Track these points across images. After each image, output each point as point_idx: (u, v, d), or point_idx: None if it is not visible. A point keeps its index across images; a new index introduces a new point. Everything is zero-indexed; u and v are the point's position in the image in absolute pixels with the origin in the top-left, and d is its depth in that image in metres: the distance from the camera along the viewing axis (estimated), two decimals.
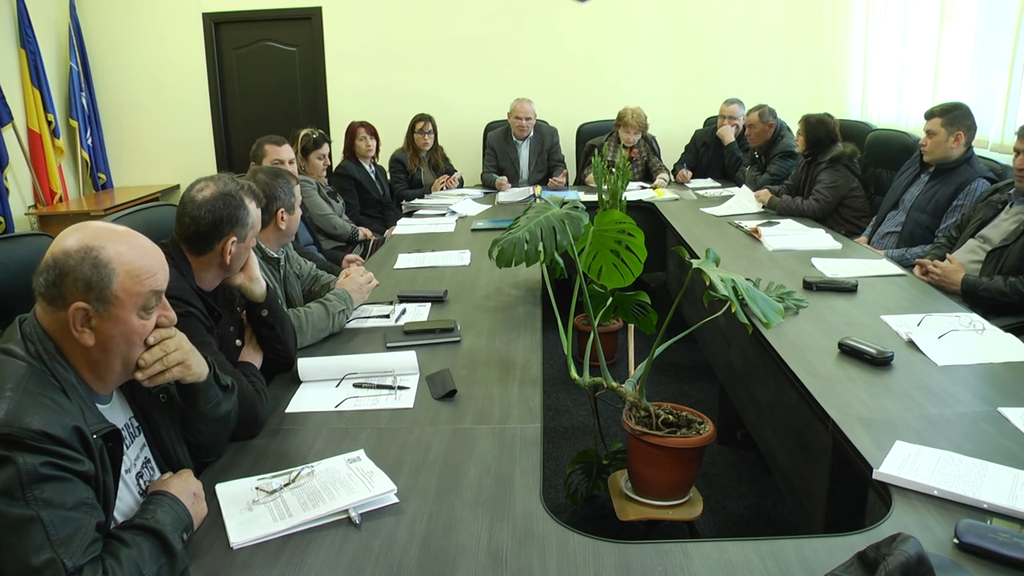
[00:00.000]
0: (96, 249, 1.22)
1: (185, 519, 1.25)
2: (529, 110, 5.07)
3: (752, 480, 2.78)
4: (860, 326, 2.17)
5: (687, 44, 5.89)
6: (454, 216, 4.22)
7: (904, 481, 1.36)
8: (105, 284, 1.21)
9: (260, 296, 1.90)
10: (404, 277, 2.98)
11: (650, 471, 1.85)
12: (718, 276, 1.68)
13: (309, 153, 4.05)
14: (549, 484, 2.61)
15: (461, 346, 2.21)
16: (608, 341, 3.73)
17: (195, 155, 6.09)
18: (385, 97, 5.92)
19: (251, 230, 1.84)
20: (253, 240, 1.88)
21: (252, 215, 1.84)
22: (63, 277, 1.20)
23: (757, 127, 4.66)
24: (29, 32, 5.33)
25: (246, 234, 1.82)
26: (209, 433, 1.50)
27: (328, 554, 1.24)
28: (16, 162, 5.21)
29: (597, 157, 3.09)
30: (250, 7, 6.02)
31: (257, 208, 1.87)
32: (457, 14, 5.92)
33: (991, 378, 1.83)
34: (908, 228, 3.32)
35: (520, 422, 1.72)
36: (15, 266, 1.75)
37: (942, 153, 3.20)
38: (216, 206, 1.76)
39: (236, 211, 1.78)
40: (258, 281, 1.90)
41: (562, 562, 1.21)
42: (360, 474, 1.45)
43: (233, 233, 1.78)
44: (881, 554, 1.02)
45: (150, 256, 1.30)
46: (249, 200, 1.84)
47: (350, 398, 1.85)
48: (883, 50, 5.04)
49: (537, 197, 4.44)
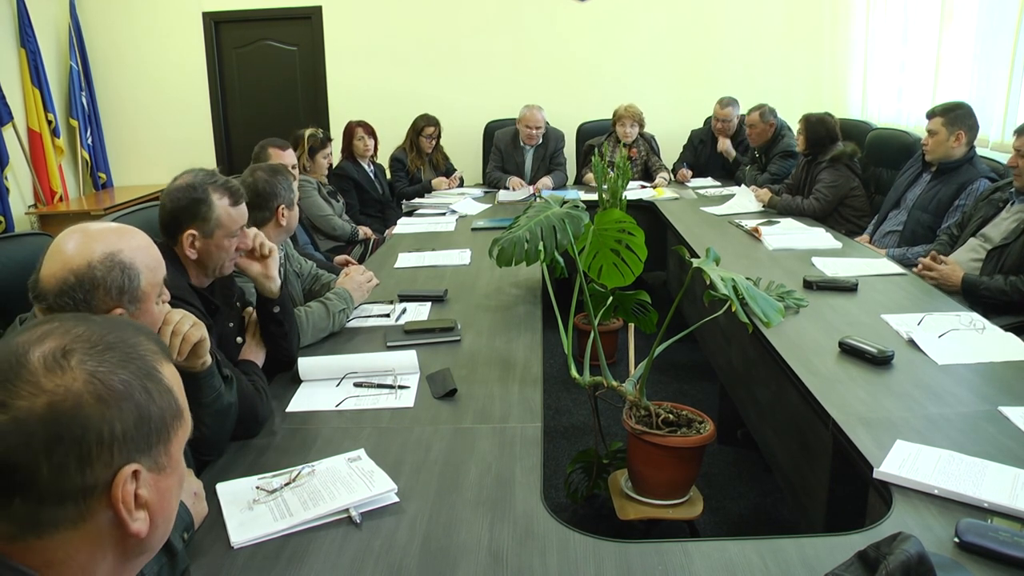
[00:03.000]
0: (117, 253, 1.25)
1: (186, 518, 1.25)
2: (540, 119, 5.00)
3: (752, 479, 2.78)
4: (860, 325, 2.17)
5: (687, 43, 5.89)
6: (454, 215, 4.22)
7: (905, 480, 1.36)
8: (136, 284, 1.25)
9: (273, 293, 1.91)
10: (404, 276, 2.98)
11: (650, 470, 1.85)
12: (718, 275, 1.68)
13: (316, 153, 4.06)
14: (549, 483, 2.61)
15: (461, 345, 2.21)
16: (608, 340, 3.73)
17: (195, 155, 6.05)
18: (385, 97, 5.91)
19: (218, 228, 1.76)
20: (230, 240, 1.80)
21: (217, 210, 1.75)
22: (94, 290, 1.22)
23: (757, 127, 4.66)
24: (29, 31, 5.33)
25: (210, 230, 1.75)
26: (213, 426, 1.50)
27: (329, 554, 1.24)
28: (16, 161, 5.21)
29: (597, 156, 3.09)
30: (250, 6, 6.02)
31: (232, 205, 1.79)
32: (457, 14, 5.91)
33: (991, 377, 1.83)
34: (909, 227, 3.32)
35: (520, 421, 1.72)
36: (15, 266, 1.75)
37: (943, 152, 3.20)
38: (177, 196, 1.74)
39: (196, 206, 1.73)
40: (274, 280, 1.91)
41: (562, 561, 1.21)
42: (360, 473, 1.45)
43: (193, 227, 1.73)
44: (882, 553, 1.02)
45: (152, 246, 1.35)
46: (218, 195, 1.76)
47: (350, 397, 1.85)
48: (883, 49, 5.04)
49: (537, 196, 4.44)
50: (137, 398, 0.70)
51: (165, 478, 0.74)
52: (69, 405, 0.66)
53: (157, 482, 0.73)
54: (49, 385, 0.67)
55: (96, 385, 0.68)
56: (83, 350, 0.69)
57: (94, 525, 0.69)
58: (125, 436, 0.69)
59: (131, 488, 0.70)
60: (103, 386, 0.68)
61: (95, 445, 0.67)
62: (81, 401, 0.67)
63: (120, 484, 0.69)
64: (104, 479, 0.68)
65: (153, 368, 0.73)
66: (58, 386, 0.67)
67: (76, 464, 0.67)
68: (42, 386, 0.66)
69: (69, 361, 0.68)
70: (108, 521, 0.70)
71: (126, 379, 0.70)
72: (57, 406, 0.66)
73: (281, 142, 3.35)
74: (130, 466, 0.69)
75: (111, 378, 0.69)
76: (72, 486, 0.67)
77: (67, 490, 0.67)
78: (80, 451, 0.67)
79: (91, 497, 0.68)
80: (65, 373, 0.68)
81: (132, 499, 0.70)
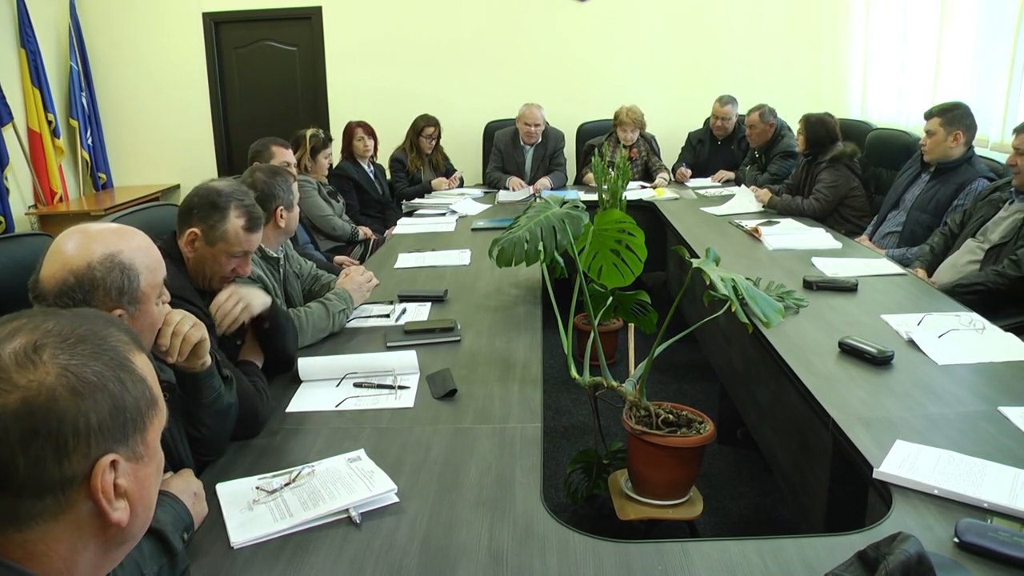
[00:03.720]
0: (117, 255, 1.25)
1: (186, 519, 1.25)
2: (539, 116, 5.01)
3: (752, 480, 2.78)
4: (860, 325, 2.17)
5: (688, 43, 5.89)
6: (454, 216, 4.22)
7: (904, 480, 1.36)
8: (135, 286, 1.25)
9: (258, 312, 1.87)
10: (404, 276, 2.98)
11: (650, 470, 1.85)
12: (718, 275, 1.68)
13: (318, 153, 4.06)
14: (549, 484, 2.61)
15: (461, 346, 2.21)
16: (608, 341, 3.73)
17: (195, 155, 6.09)
18: (385, 97, 5.92)
19: (222, 241, 1.80)
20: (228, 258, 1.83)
21: (228, 224, 1.80)
22: (94, 291, 1.22)
23: (757, 127, 4.66)
24: (29, 32, 5.33)
25: (214, 239, 1.79)
26: (212, 427, 1.50)
27: (328, 554, 1.24)
28: (16, 162, 5.21)
29: (597, 157, 3.09)
30: (250, 7, 6.02)
31: (246, 229, 1.83)
32: (457, 14, 5.92)
33: (991, 377, 1.83)
34: (909, 228, 3.32)
35: (520, 421, 1.72)
36: (15, 266, 1.75)
37: (941, 153, 3.20)
38: (202, 193, 1.79)
39: (211, 210, 1.78)
40: (248, 310, 1.84)
41: (563, 561, 1.21)
42: (360, 474, 1.45)
43: (199, 227, 1.78)
44: (881, 553, 1.02)
45: (153, 247, 1.35)
46: (236, 213, 1.81)
47: (350, 398, 1.85)
48: (883, 50, 5.04)
49: (537, 197, 4.43)
50: (111, 389, 0.71)
51: (143, 467, 0.75)
52: (43, 399, 0.67)
53: (136, 471, 0.73)
54: (22, 381, 0.67)
55: (69, 378, 0.68)
56: (54, 344, 0.70)
57: (74, 516, 0.70)
58: (101, 427, 0.69)
59: (110, 478, 0.70)
60: (76, 379, 0.69)
61: (71, 437, 0.68)
62: (55, 395, 0.67)
63: (99, 474, 0.69)
64: (82, 470, 0.69)
65: (125, 359, 0.74)
66: (31, 381, 0.67)
67: (53, 457, 0.67)
68: (15, 382, 0.67)
69: (41, 356, 0.68)
70: (88, 512, 0.70)
71: (99, 370, 0.70)
72: (31, 401, 0.66)
73: (282, 140, 3.36)
74: (108, 456, 0.70)
75: (84, 370, 0.69)
76: (50, 478, 0.67)
77: (45, 483, 0.67)
78: (57, 443, 0.67)
79: (70, 489, 0.69)
80: (37, 368, 0.68)
81: (112, 489, 0.70)
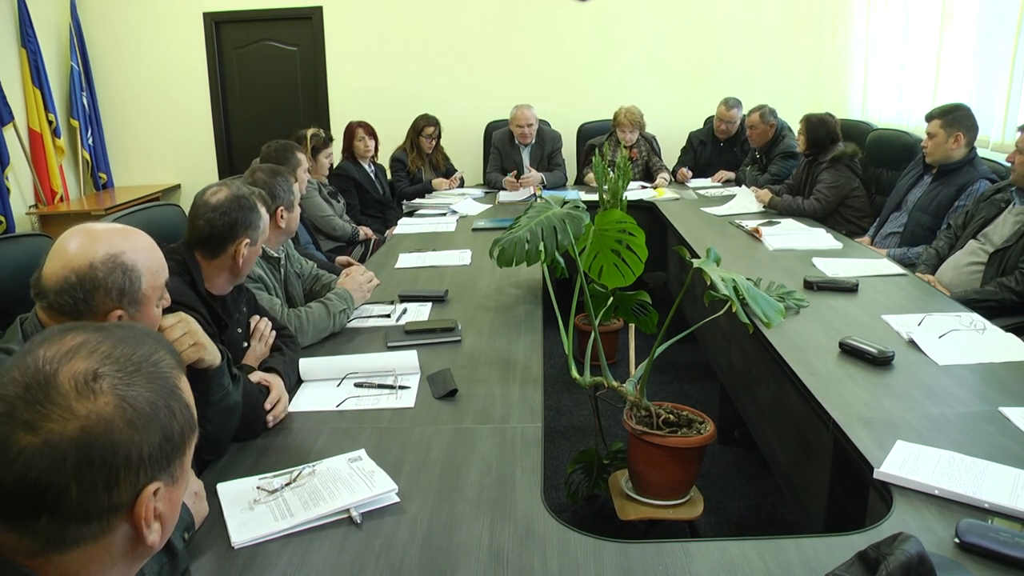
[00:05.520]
0: (119, 255, 1.24)
1: (186, 518, 1.25)
2: (530, 116, 5.02)
3: (753, 480, 2.78)
4: (861, 326, 2.17)
5: (688, 44, 5.89)
6: (455, 216, 4.22)
7: (905, 480, 1.36)
8: (136, 287, 1.25)
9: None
10: (405, 277, 2.98)
11: (651, 471, 1.85)
12: (719, 276, 1.68)
13: (318, 153, 4.08)
14: (550, 484, 2.61)
15: (462, 346, 2.21)
16: (609, 341, 3.73)
17: (195, 155, 6.07)
18: (385, 97, 5.92)
19: (262, 234, 1.90)
20: (261, 246, 1.94)
21: (264, 219, 1.90)
22: (95, 291, 1.21)
23: (758, 127, 4.66)
24: (30, 31, 5.33)
25: (258, 237, 1.88)
26: (218, 424, 1.50)
27: (329, 554, 1.24)
28: (17, 162, 5.21)
29: (598, 157, 3.09)
30: (251, 7, 6.01)
31: (267, 213, 1.93)
32: (458, 14, 5.91)
33: (992, 378, 1.83)
34: (910, 229, 3.32)
35: (521, 421, 1.72)
36: (15, 266, 1.76)
37: (942, 154, 3.20)
38: (230, 208, 1.82)
39: (249, 214, 1.84)
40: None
41: (563, 561, 1.21)
42: (361, 473, 1.45)
43: (246, 235, 1.83)
44: (882, 553, 1.02)
45: (156, 248, 1.34)
46: (260, 204, 1.90)
47: (351, 398, 1.85)
48: (884, 50, 5.04)
49: (538, 197, 4.43)
50: (162, 419, 0.72)
51: (178, 488, 0.76)
52: (101, 430, 0.68)
53: (170, 494, 0.75)
54: (82, 411, 0.68)
55: (127, 410, 0.69)
56: (112, 373, 0.70)
57: (111, 539, 0.71)
58: (151, 458, 0.71)
59: (152, 505, 0.71)
60: (133, 410, 0.70)
61: (123, 468, 0.69)
62: (113, 426, 0.68)
63: (144, 502, 0.71)
64: (128, 499, 0.70)
65: (175, 386, 0.75)
66: (90, 412, 0.68)
67: (104, 486, 0.68)
68: (74, 411, 0.67)
69: (100, 384, 0.69)
70: (124, 534, 0.71)
71: (153, 400, 0.72)
72: (89, 431, 0.67)
73: (298, 145, 3.45)
74: (153, 484, 0.71)
75: (139, 402, 0.71)
76: (99, 506, 0.69)
77: (93, 510, 0.69)
78: (109, 473, 0.68)
79: (115, 515, 0.70)
80: (97, 398, 0.69)
81: (152, 515, 0.72)
